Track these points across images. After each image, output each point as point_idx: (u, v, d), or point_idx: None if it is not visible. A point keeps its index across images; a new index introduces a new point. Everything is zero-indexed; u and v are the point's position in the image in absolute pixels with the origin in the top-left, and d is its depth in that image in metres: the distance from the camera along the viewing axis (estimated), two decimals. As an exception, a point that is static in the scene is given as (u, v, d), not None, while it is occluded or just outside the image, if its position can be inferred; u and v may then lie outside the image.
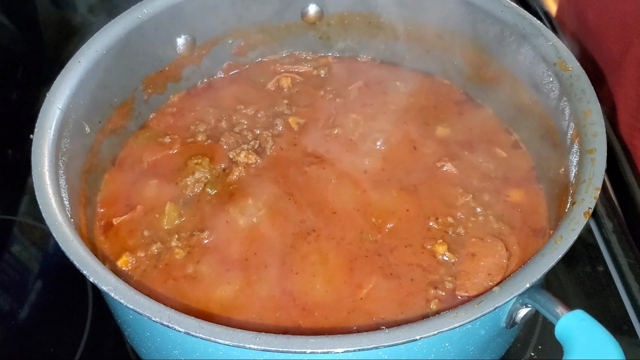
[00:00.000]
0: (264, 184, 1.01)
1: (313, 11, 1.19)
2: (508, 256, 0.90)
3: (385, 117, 1.11)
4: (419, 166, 1.03)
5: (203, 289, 0.89)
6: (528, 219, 0.96)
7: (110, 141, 1.05)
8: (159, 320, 0.68)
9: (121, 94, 1.06)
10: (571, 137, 0.90)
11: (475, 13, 1.06)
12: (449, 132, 1.09)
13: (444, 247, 0.91)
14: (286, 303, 0.87)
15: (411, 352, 0.71)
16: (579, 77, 0.92)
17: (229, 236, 0.94)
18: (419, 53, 1.18)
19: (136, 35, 1.04)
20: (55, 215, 0.79)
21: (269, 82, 1.18)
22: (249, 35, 1.19)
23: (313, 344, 0.66)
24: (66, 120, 0.91)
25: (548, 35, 0.98)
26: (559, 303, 0.70)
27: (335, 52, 1.24)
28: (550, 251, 0.73)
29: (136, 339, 0.90)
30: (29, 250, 1.16)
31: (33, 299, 1.08)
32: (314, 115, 1.12)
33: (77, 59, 0.96)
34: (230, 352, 0.69)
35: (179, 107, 1.15)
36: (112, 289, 0.71)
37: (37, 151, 0.86)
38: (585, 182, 0.80)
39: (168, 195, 1.00)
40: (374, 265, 0.90)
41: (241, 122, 1.11)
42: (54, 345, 1.02)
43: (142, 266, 0.92)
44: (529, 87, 1.02)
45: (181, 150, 1.06)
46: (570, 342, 0.67)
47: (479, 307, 0.68)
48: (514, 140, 1.08)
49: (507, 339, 0.91)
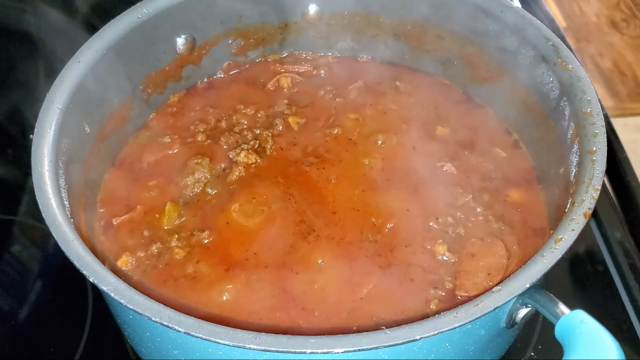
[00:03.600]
0: (263, 184, 1.01)
1: (313, 11, 1.19)
2: (508, 256, 0.90)
3: (385, 117, 1.11)
4: (419, 166, 1.03)
5: (203, 289, 0.89)
6: (528, 219, 0.96)
7: (110, 141, 1.05)
8: (159, 320, 0.68)
9: (121, 93, 1.06)
10: (571, 137, 0.90)
11: (475, 13, 1.06)
12: (449, 132, 1.09)
13: (444, 247, 0.91)
14: (286, 303, 0.87)
15: (411, 352, 0.71)
16: (579, 77, 0.92)
17: (229, 236, 0.94)
18: (419, 53, 1.18)
19: (136, 35, 1.04)
20: (55, 215, 0.79)
21: (269, 82, 1.18)
22: (249, 35, 1.19)
23: (313, 344, 0.66)
24: (66, 120, 0.91)
25: (548, 35, 0.98)
26: (559, 303, 0.70)
27: (335, 52, 1.24)
28: (550, 251, 0.73)
29: (136, 339, 0.89)
30: (29, 250, 1.16)
31: (33, 299, 1.08)
32: (314, 115, 1.12)
33: (77, 59, 0.96)
34: (230, 352, 0.69)
35: (179, 107, 1.15)
36: (112, 289, 0.71)
37: (37, 151, 0.86)
38: (585, 182, 0.80)
39: (168, 195, 1.00)
40: (374, 265, 0.90)
41: (241, 122, 1.11)
42: (54, 345, 1.02)
43: (142, 266, 0.92)
44: (529, 87, 1.02)
45: (181, 150, 1.06)
46: (570, 342, 0.67)
47: (479, 307, 0.68)
48: (514, 140, 1.08)
49: (507, 339, 0.91)
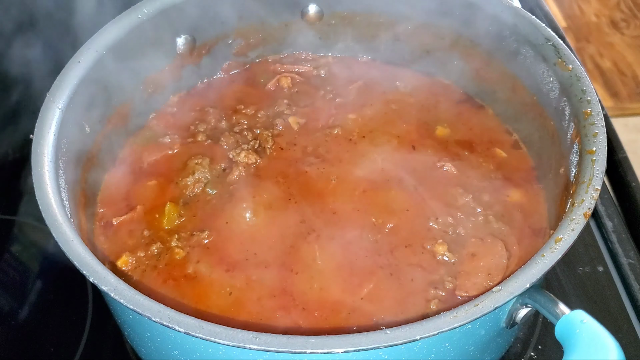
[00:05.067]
0: (264, 184, 1.01)
1: (313, 11, 1.19)
2: (508, 256, 0.90)
3: (385, 117, 1.11)
4: (418, 166, 1.03)
5: (203, 289, 0.89)
6: (528, 219, 0.96)
7: (110, 141, 1.05)
8: (159, 320, 0.68)
9: (121, 94, 1.06)
10: (571, 137, 0.90)
11: (475, 13, 1.06)
12: (449, 132, 1.09)
13: (444, 247, 0.91)
14: (286, 303, 0.87)
15: (411, 352, 0.71)
16: (579, 77, 0.92)
17: (229, 236, 0.94)
18: (419, 53, 1.18)
19: (136, 35, 1.04)
20: (55, 215, 0.79)
21: (269, 82, 1.18)
22: (249, 35, 1.19)
23: (313, 344, 0.66)
24: (66, 120, 0.91)
25: (548, 35, 0.98)
26: (559, 303, 0.70)
27: (335, 52, 1.24)
28: (550, 251, 0.73)
29: (136, 339, 0.89)
30: (29, 250, 1.16)
31: (33, 299, 1.08)
32: (314, 115, 1.12)
33: (77, 59, 0.97)
34: (230, 352, 0.69)
35: (179, 107, 1.15)
36: (112, 289, 0.71)
37: (37, 151, 0.86)
38: (585, 182, 0.80)
39: (168, 195, 1.00)
40: (374, 265, 0.90)
41: (241, 122, 1.11)
42: (54, 345, 1.02)
43: (142, 266, 0.92)
44: (529, 87, 1.02)
45: (181, 150, 1.06)
46: (570, 342, 0.67)
47: (479, 307, 0.68)
48: (514, 140, 1.08)
49: (507, 339, 0.91)
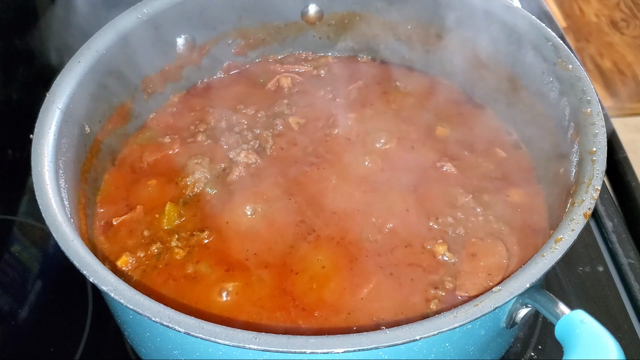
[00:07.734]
0: (264, 184, 1.01)
1: (313, 11, 1.19)
2: (508, 256, 0.90)
3: (385, 117, 1.11)
4: (418, 166, 1.03)
5: (203, 289, 0.89)
6: (528, 219, 0.96)
7: (110, 141, 1.05)
8: (159, 320, 0.68)
9: (121, 94, 1.06)
10: (571, 137, 0.90)
11: (475, 13, 1.06)
12: (449, 132, 1.09)
13: (444, 247, 0.91)
14: (286, 303, 0.87)
15: (411, 352, 0.71)
16: (579, 77, 0.92)
17: (228, 236, 0.94)
18: (419, 53, 1.18)
19: (136, 35, 1.04)
20: (55, 215, 0.79)
21: (269, 82, 1.18)
22: (249, 35, 1.19)
23: (313, 344, 0.66)
24: (66, 120, 0.91)
25: (548, 35, 0.98)
26: (559, 303, 0.70)
27: (335, 52, 1.24)
28: (550, 251, 0.73)
29: (136, 339, 0.89)
30: (29, 250, 1.16)
31: (33, 299, 1.08)
32: (314, 115, 1.12)
33: (77, 59, 0.97)
34: (230, 352, 0.69)
35: (179, 107, 1.15)
36: (112, 289, 0.71)
37: (37, 151, 0.86)
38: (585, 182, 0.80)
39: (168, 195, 1.00)
40: (374, 265, 0.90)
41: (241, 122, 1.11)
42: (54, 345, 1.02)
43: (142, 266, 0.92)
44: (529, 87, 1.02)
45: (181, 150, 1.06)
46: (570, 342, 0.67)
47: (479, 307, 0.68)
48: (514, 140, 1.08)
49: (507, 339, 0.91)
